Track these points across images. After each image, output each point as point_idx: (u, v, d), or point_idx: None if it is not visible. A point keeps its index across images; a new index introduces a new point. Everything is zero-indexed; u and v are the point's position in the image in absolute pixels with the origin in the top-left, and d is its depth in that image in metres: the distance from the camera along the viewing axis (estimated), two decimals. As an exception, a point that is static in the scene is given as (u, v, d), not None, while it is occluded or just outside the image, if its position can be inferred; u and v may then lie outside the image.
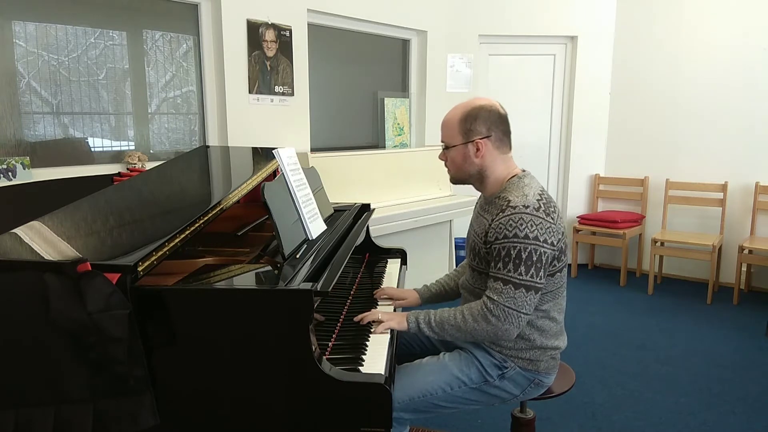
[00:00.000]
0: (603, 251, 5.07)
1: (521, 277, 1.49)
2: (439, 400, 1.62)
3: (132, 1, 2.95)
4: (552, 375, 1.72)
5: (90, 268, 1.20)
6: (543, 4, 4.69)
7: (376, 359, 1.44)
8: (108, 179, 2.78)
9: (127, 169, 2.90)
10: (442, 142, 1.69)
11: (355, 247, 1.89)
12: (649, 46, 4.63)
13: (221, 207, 1.67)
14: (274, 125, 3.50)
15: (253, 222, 2.10)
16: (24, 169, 2.53)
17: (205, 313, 1.29)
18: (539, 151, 4.99)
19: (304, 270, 1.43)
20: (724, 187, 4.31)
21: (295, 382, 1.28)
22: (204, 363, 1.29)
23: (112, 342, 1.20)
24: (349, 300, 1.84)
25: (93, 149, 2.89)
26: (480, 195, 1.77)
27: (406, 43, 4.55)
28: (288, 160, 1.82)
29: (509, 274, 1.50)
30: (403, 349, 1.87)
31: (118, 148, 2.99)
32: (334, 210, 2.20)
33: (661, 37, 4.56)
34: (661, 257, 4.62)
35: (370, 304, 1.83)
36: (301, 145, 3.65)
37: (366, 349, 1.50)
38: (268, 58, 3.41)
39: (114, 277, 1.21)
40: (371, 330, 1.60)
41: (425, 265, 4.00)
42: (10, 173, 2.47)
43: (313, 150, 3.74)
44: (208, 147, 2.88)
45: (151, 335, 1.27)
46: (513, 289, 1.49)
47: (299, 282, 1.34)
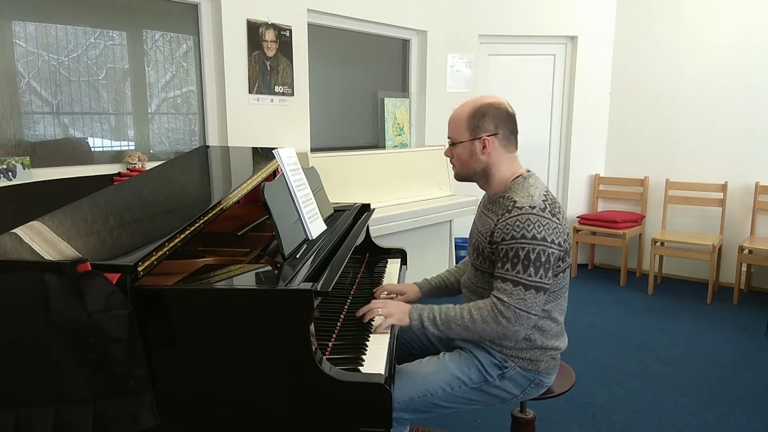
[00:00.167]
0: (603, 251, 5.07)
1: (531, 278, 1.49)
2: (439, 400, 1.61)
3: (132, 1, 2.95)
4: (552, 375, 1.72)
5: (90, 268, 1.20)
6: (543, 4, 4.69)
7: (376, 359, 1.44)
8: (108, 179, 2.78)
9: (127, 169, 2.90)
10: (448, 138, 1.69)
11: (355, 247, 1.89)
12: (649, 46, 4.63)
13: (221, 207, 1.67)
14: (274, 125, 3.50)
15: (253, 222, 2.10)
16: (24, 169, 2.53)
17: (205, 313, 1.29)
18: (539, 151, 4.99)
19: (304, 270, 1.43)
20: (724, 187, 4.31)
21: (295, 382, 1.28)
22: (204, 363, 1.29)
23: (112, 342, 1.20)
24: (349, 300, 1.84)
25: (93, 149, 2.89)
26: (484, 194, 1.77)
27: (406, 43, 4.55)
28: (288, 160, 1.82)
29: (518, 276, 1.50)
30: (403, 349, 1.87)
31: (118, 148, 2.99)
32: (334, 210, 2.20)
33: (661, 37, 4.56)
34: (661, 257, 4.62)
35: (370, 304, 1.83)
36: (301, 145, 3.65)
37: (366, 349, 1.50)
38: (268, 58, 3.41)
39: (114, 277, 1.21)
40: (371, 330, 1.60)
41: (425, 265, 4.00)
42: (10, 173, 2.47)
43: (313, 150, 3.74)
44: (208, 147, 2.88)
45: (151, 335, 1.27)
46: (523, 290, 1.49)
47: (299, 282, 1.34)
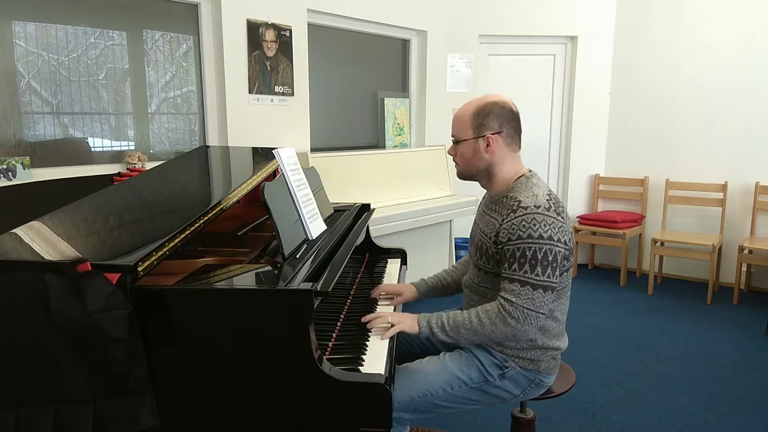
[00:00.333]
0: (603, 251, 5.07)
1: (539, 278, 1.49)
2: (439, 399, 1.61)
3: (132, 1, 2.95)
4: (552, 375, 1.71)
5: (90, 268, 1.20)
6: (543, 4, 4.69)
7: (376, 359, 1.44)
8: (108, 179, 2.78)
9: (127, 169, 2.90)
10: (452, 136, 1.69)
11: (355, 247, 1.89)
12: (649, 46, 4.63)
13: (221, 207, 1.67)
14: (274, 125, 3.50)
15: (253, 222, 2.10)
16: (24, 169, 2.53)
17: (205, 313, 1.29)
18: (539, 151, 4.99)
19: (304, 270, 1.43)
20: (724, 187, 4.31)
21: (295, 382, 1.28)
22: (204, 363, 1.29)
23: (112, 342, 1.20)
24: (349, 300, 1.84)
25: (93, 149, 2.89)
26: (485, 193, 1.77)
27: (406, 43, 4.55)
28: (288, 160, 1.82)
29: (526, 275, 1.50)
30: (403, 349, 1.87)
31: (118, 148, 2.99)
32: (334, 210, 2.20)
33: (661, 37, 4.56)
34: (661, 257, 4.62)
35: (370, 304, 1.83)
36: (301, 145, 3.65)
37: (366, 349, 1.50)
38: (268, 58, 3.41)
39: (114, 277, 1.21)
40: (373, 333, 1.60)
41: (425, 265, 4.00)
42: (10, 173, 2.47)
43: (313, 150, 3.74)
44: (208, 147, 2.88)
45: (151, 335, 1.27)
46: (531, 290, 1.49)
47: (299, 282, 1.34)
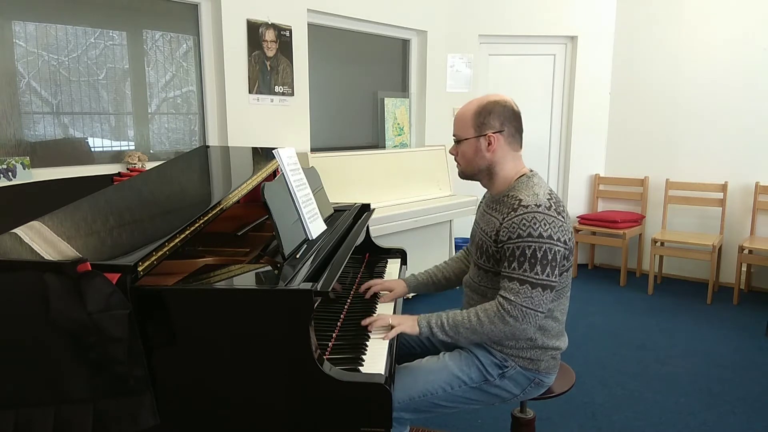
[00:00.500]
0: (603, 251, 5.07)
1: (538, 277, 1.49)
2: (439, 399, 1.61)
3: (132, 1, 2.95)
4: (552, 375, 1.71)
5: (90, 268, 1.20)
6: (543, 4, 4.68)
7: (376, 359, 1.44)
8: (108, 179, 2.78)
9: (127, 169, 2.90)
10: (454, 135, 1.69)
11: (355, 247, 1.89)
12: (649, 46, 4.63)
13: (221, 207, 1.67)
14: (274, 125, 3.50)
15: (253, 222, 2.10)
16: (24, 169, 2.53)
17: (205, 313, 1.29)
18: (539, 151, 4.99)
19: (304, 270, 1.43)
20: (724, 187, 4.31)
21: (295, 382, 1.28)
22: (204, 363, 1.29)
23: (112, 342, 1.20)
24: (349, 300, 1.84)
25: (93, 149, 2.89)
26: (486, 193, 1.77)
27: (406, 43, 4.55)
28: (288, 160, 1.82)
29: (525, 274, 1.50)
30: (403, 349, 1.87)
31: (118, 148, 2.99)
32: (334, 210, 2.20)
33: (661, 37, 4.56)
34: (661, 257, 4.62)
35: (370, 304, 1.83)
36: (301, 145, 3.65)
37: (366, 349, 1.50)
38: (268, 58, 3.41)
39: (114, 277, 1.21)
40: (373, 334, 1.60)
41: (425, 265, 3.94)
42: (10, 173, 2.47)
43: (313, 150, 3.74)
44: (208, 147, 2.88)
45: (151, 335, 1.27)
46: (530, 288, 1.49)
47: (299, 282, 1.34)
